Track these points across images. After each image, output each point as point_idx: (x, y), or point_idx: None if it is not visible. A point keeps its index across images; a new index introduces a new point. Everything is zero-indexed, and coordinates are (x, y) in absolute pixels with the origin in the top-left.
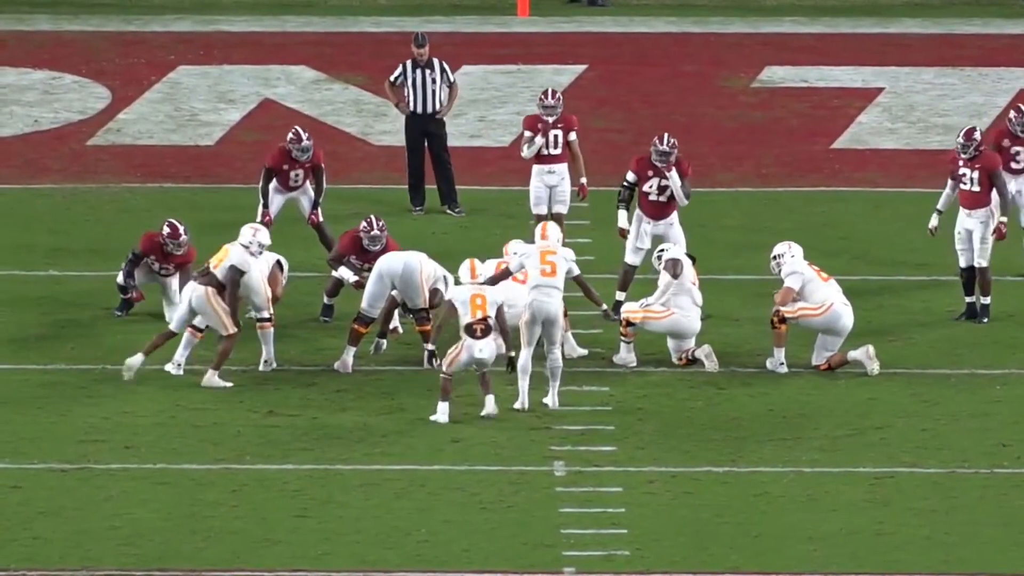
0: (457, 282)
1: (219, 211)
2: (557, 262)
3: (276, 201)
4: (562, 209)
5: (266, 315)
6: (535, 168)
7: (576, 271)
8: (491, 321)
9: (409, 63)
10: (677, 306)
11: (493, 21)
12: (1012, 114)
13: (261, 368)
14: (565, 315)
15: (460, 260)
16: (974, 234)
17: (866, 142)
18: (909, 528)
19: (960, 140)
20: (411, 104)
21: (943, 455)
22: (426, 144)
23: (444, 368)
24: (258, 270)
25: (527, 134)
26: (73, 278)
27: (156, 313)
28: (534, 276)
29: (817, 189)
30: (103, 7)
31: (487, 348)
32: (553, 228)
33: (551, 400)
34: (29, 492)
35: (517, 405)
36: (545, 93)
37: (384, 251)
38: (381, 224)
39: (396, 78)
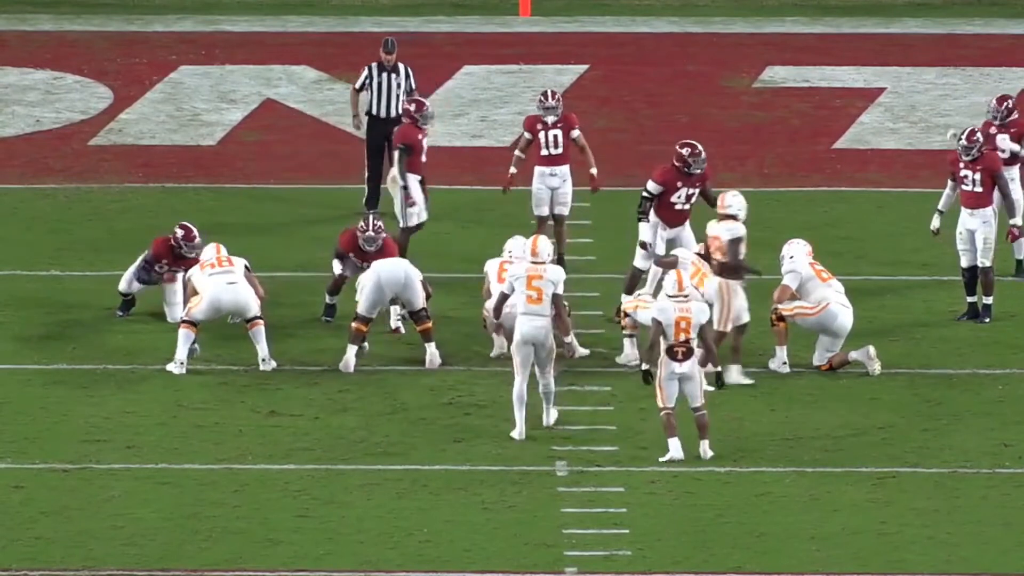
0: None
1: (221, 211)
2: (543, 287)
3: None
4: (564, 211)
5: (257, 313)
6: (537, 170)
7: (558, 293)
8: (693, 343)
9: (375, 66)
10: None
11: (495, 21)
12: (992, 103)
13: (261, 367)
14: (569, 313)
15: (460, 261)
16: (976, 234)
17: (868, 142)
18: (911, 528)
19: (962, 142)
20: (373, 108)
21: (945, 455)
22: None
23: (659, 404)
24: (243, 285)
25: (526, 135)
26: (75, 278)
27: (157, 313)
28: (521, 302)
29: (819, 189)
30: (105, 7)
31: (687, 364)
32: (544, 244)
33: (546, 419)
34: (31, 492)
35: (514, 434)
36: (544, 94)
37: (381, 251)
38: (378, 225)
39: (362, 83)
